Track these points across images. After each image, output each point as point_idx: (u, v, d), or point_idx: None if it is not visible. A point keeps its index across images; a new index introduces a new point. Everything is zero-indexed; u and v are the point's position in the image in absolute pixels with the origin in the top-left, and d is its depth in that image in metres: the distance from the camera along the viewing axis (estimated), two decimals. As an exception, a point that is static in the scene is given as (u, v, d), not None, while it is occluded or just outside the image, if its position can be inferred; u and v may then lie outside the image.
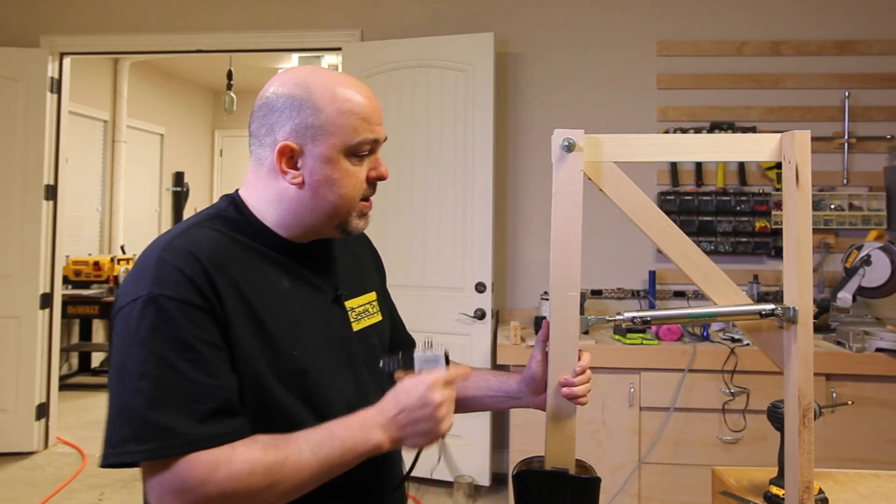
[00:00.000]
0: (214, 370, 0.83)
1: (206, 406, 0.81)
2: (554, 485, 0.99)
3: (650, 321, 0.99)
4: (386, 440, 0.87)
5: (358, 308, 1.07)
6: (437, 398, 0.87)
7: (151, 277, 0.84)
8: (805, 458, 0.94)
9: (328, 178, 0.94)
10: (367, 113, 0.95)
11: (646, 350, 2.66)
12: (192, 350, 0.82)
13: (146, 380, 0.80)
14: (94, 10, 3.68)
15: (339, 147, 0.93)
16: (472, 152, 3.14)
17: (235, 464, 0.80)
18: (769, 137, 0.99)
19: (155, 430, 0.79)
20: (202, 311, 0.84)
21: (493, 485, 3.15)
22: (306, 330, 0.96)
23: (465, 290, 3.14)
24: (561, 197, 0.98)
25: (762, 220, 3.17)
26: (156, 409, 0.79)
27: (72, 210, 4.86)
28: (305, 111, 0.93)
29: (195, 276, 0.85)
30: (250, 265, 0.93)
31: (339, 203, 0.96)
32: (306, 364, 0.94)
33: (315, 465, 0.84)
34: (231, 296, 0.88)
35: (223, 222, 0.96)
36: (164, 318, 0.82)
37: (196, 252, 0.87)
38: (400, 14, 3.46)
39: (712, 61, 3.28)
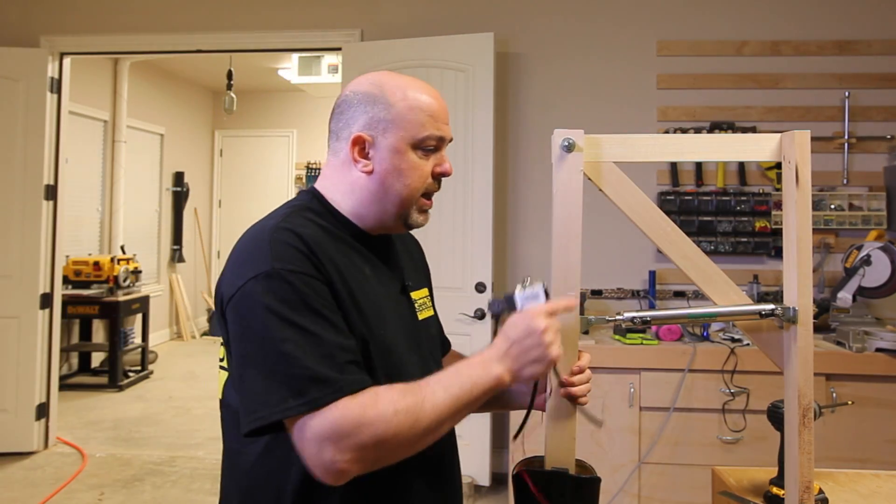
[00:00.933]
0: (341, 331, 0.91)
1: (342, 359, 0.88)
2: (554, 485, 1.00)
3: (650, 321, 0.99)
4: (505, 372, 0.92)
5: (419, 300, 1.14)
6: (541, 325, 0.92)
7: (270, 255, 0.91)
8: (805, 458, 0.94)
9: (396, 168, 1.01)
10: (435, 111, 1.03)
11: (646, 350, 2.66)
12: (318, 314, 0.89)
13: (288, 343, 0.86)
14: (94, 10, 3.68)
15: (406, 140, 1.01)
16: (472, 152, 3.14)
17: (381, 405, 0.85)
18: (769, 137, 0.99)
19: (309, 383, 0.84)
20: (320, 281, 0.92)
21: (493, 485, 3.15)
22: (388, 314, 1.03)
23: (465, 290, 3.14)
24: (561, 197, 0.98)
25: (762, 220, 3.17)
26: (303, 367, 0.85)
27: (72, 210, 4.86)
28: (378, 106, 1.02)
29: (309, 253, 0.92)
30: (340, 250, 1.00)
31: (405, 193, 1.02)
32: (391, 344, 1.00)
33: (450, 401, 0.89)
34: (334, 272, 0.95)
35: (312, 213, 1.03)
36: (291, 288, 0.89)
37: (302, 234, 0.95)
38: (400, 14, 3.46)
39: (712, 61, 3.28)
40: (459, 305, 3.12)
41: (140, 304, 5.33)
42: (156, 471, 3.47)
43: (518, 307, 0.98)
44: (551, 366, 0.95)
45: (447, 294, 3.17)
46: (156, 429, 4.16)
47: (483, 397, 0.92)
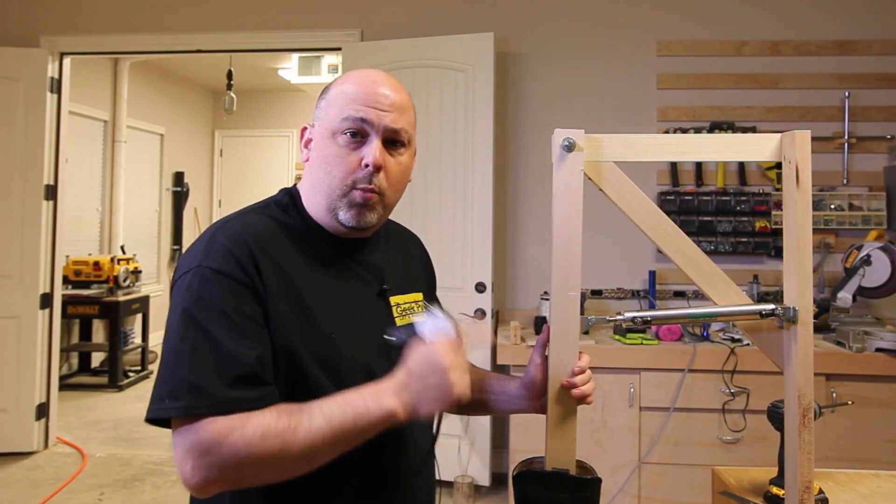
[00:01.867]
0: (247, 340, 0.88)
1: (235, 372, 0.85)
2: (555, 485, 0.99)
3: (650, 321, 0.98)
4: (399, 406, 0.88)
5: (404, 304, 1.09)
6: (446, 362, 0.88)
7: (202, 252, 0.92)
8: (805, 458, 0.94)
9: (320, 155, 1.00)
10: (361, 94, 0.98)
11: (646, 350, 2.66)
12: (228, 319, 0.87)
13: (186, 342, 0.86)
14: (94, 10, 3.68)
15: (329, 125, 0.99)
16: (472, 152, 3.14)
17: (249, 428, 0.83)
18: (769, 137, 0.99)
19: (188, 389, 0.83)
20: (243, 285, 0.90)
21: (493, 485, 3.15)
22: (347, 317, 0.99)
23: (465, 290, 3.14)
24: (561, 197, 0.98)
25: (762, 220, 3.17)
26: (191, 370, 0.84)
27: (72, 210, 4.85)
28: (323, 96, 1.03)
29: (241, 254, 0.91)
30: (297, 249, 0.98)
31: (328, 182, 0.98)
32: (343, 349, 0.97)
33: (328, 431, 0.85)
34: (274, 275, 0.93)
35: (276, 210, 1.03)
36: (208, 287, 0.89)
37: (245, 233, 0.94)
38: (400, 14, 3.46)
39: (712, 61, 3.28)
40: (459, 305, 3.12)
41: (140, 304, 5.33)
42: (156, 471, 3.46)
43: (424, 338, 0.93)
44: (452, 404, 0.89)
45: (447, 294, 3.15)
46: (156, 429, 4.14)
47: (371, 430, 0.87)
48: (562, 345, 0.99)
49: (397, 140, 1.00)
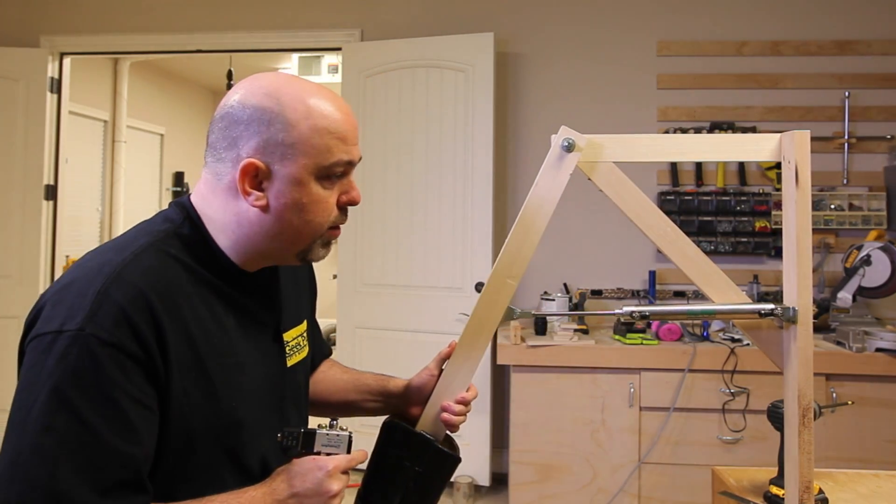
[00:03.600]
0: (133, 435, 0.73)
1: (113, 476, 0.71)
2: (416, 447, 0.99)
3: (648, 315, 0.99)
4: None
5: (292, 342, 1.01)
6: (334, 488, 0.82)
7: (87, 311, 0.73)
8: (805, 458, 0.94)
9: (296, 203, 0.84)
10: (344, 132, 0.85)
11: (646, 350, 2.66)
12: (113, 407, 0.72)
13: (51, 435, 0.69)
14: (94, 10, 3.68)
15: (310, 168, 0.84)
16: (472, 152, 3.14)
17: None
18: (769, 137, 0.99)
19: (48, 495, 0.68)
20: (137, 362, 0.74)
21: (493, 485, 3.15)
22: (247, 376, 0.89)
23: (465, 290, 3.14)
24: (541, 189, 0.99)
25: (762, 220, 3.17)
26: (53, 474, 0.68)
27: (72, 210, 4.85)
28: (275, 126, 0.82)
29: (140, 321, 0.75)
30: (200, 301, 0.84)
31: (306, 230, 0.86)
32: (242, 416, 0.87)
33: None
34: (177, 343, 0.79)
35: (175, 244, 0.85)
36: (90, 363, 0.71)
37: (148, 288, 0.77)
38: (400, 14, 3.46)
39: (712, 61, 3.28)
40: (459, 305, 3.12)
41: (140, 304, 5.32)
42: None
43: (314, 450, 0.87)
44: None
45: (447, 294, 3.18)
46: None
47: None
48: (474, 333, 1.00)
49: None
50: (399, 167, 3.24)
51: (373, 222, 3.29)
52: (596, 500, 2.66)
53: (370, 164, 3.31)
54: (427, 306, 3.18)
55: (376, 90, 3.31)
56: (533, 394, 2.69)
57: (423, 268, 3.21)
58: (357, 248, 3.31)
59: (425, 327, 3.18)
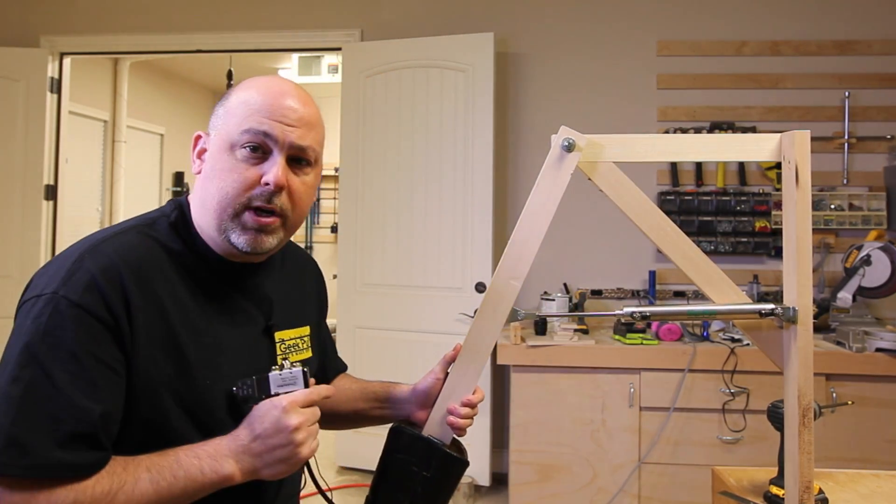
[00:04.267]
0: (95, 391, 0.76)
1: (69, 428, 0.74)
2: (423, 451, 0.98)
3: (649, 316, 0.98)
4: (237, 471, 0.81)
5: (288, 341, 1.01)
6: (293, 422, 0.81)
7: (62, 277, 0.79)
8: (805, 458, 0.94)
9: (213, 168, 0.89)
10: (265, 106, 0.87)
11: (646, 350, 2.66)
12: (77, 363, 0.75)
13: (18, 385, 0.73)
14: (94, 10, 3.68)
15: (226, 136, 0.88)
16: (472, 152, 3.14)
17: (59, 494, 0.73)
18: (769, 137, 0.99)
19: (8, 442, 0.72)
20: (104, 325, 0.78)
21: (494, 485, 3.15)
22: (226, 360, 0.90)
23: (465, 290, 3.14)
24: (542, 189, 0.99)
25: (762, 220, 3.17)
26: (16, 420, 0.72)
27: (72, 210, 4.85)
28: (222, 103, 0.92)
29: (108, 288, 0.79)
30: (180, 282, 0.87)
31: (218, 198, 0.87)
32: (217, 397, 0.87)
33: (153, 496, 0.77)
34: (148, 314, 0.82)
35: (163, 230, 0.91)
36: (59, 322, 0.76)
37: (121, 261, 0.82)
38: (400, 14, 3.46)
39: (712, 61, 3.28)
40: (459, 305, 3.12)
41: (140, 304, 5.33)
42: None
43: (270, 392, 0.86)
44: (300, 467, 0.84)
45: (447, 294, 3.18)
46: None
47: (202, 493, 0.80)
48: (478, 334, 1.00)
49: (303, 158, 0.91)
50: (399, 167, 3.24)
51: (373, 222, 3.29)
52: (596, 500, 2.66)
53: (370, 164, 3.30)
54: (427, 306, 3.18)
55: (376, 90, 3.31)
56: (533, 394, 2.69)
57: (423, 268, 3.21)
58: (357, 248, 3.31)
59: (425, 327, 3.18)
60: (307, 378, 0.89)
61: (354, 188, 3.34)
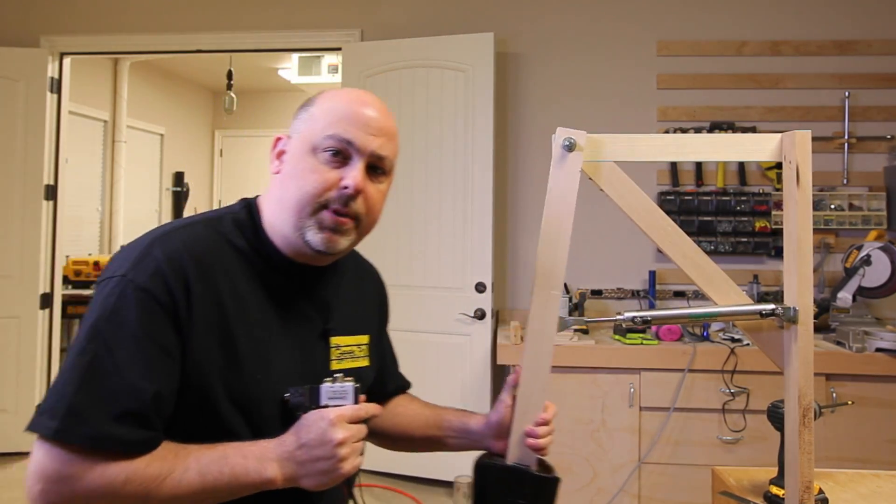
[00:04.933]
0: (150, 372, 0.80)
1: (124, 405, 0.78)
2: (514, 480, 0.98)
3: (650, 321, 0.98)
4: (279, 476, 0.83)
5: (344, 347, 1.03)
6: (338, 436, 0.83)
7: (132, 262, 0.85)
8: (805, 458, 0.94)
9: (293, 169, 0.93)
10: (350, 114, 0.92)
11: (646, 350, 2.66)
12: (137, 343, 0.80)
13: (85, 357, 0.79)
14: (94, 10, 3.68)
15: (308, 140, 0.92)
16: (472, 152, 3.14)
17: (113, 469, 0.77)
18: (769, 137, 0.99)
19: (66, 412, 0.77)
20: (165, 310, 0.83)
21: (493, 485, 3.14)
22: (280, 359, 0.92)
23: (465, 290, 3.14)
24: (555, 195, 0.98)
25: (762, 220, 3.17)
26: (77, 391, 0.78)
27: (72, 210, 4.85)
28: (305, 108, 0.96)
29: (171, 275, 0.84)
30: (241, 276, 0.91)
31: (298, 197, 0.90)
32: (266, 393, 0.90)
33: (198, 487, 0.80)
34: (206, 304, 0.86)
35: (231, 226, 0.95)
36: (125, 303, 0.81)
37: (186, 251, 0.87)
38: (400, 14, 3.46)
39: (712, 61, 3.28)
40: (459, 305, 3.12)
41: (140, 304, 5.32)
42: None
43: (320, 403, 0.88)
44: (339, 481, 0.84)
45: (447, 294, 3.18)
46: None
47: (245, 493, 0.83)
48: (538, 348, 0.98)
49: (380, 167, 0.95)
50: (398, 167, 3.24)
51: (373, 222, 3.29)
52: (596, 500, 2.66)
53: (370, 164, 3.30)
54: (427, 306, 3.18)
55: (376, 90, 3.28)
56: (533, 394, 2.69)
57: (424, 268, 3.21)
58: (357, 248, 3.30)
59: (426, 327, 3.18)
60: (357, 394, 0.90)
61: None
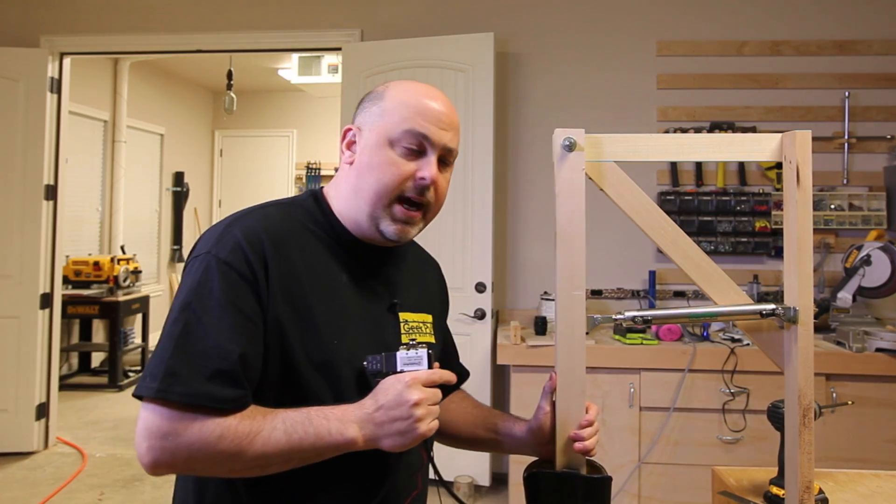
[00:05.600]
0: (236, 335, 0.87)
1: (215, 365, 0.85)
2: (566, 486, 0.99)
3: (651, 320, 0.98)
4: (360, 436, 0.88)
5: (411, 322, 1.08)
6: (413, 397, 0.87)
7: (214, 240, 0.92)
8: (805, 458, 0.94)
9: (370, 162, 0.98)
10: (423, 109, 0.98)
11: (646, 350, 2.66)
12: (223, 310, 0.87)
13: (177, 326, 0.86)
14: (94, 10, 3.68)
15: (385, 133, 0.97)
16: (472, 152, 3.14)
17: (209, 425, 0.83)
18: (769, 137, 0.99)
19: (165, 373, 0.84)
20: (245, 280, 0.89)
21: (493, 485, 3.15)
22: (353, 326, 0.98)
23: (465, 290, 3.14)
24: (564, 196, 0.98)
25: (762, 220, 3.17)
26: (173, 354, 0.85)
27: (72, 210, 4.85)
28: (375, 102, 1.01)
29: (250, 249, 0.91)
30: (313, 252, 0.97)
31: (374, 188, 0.96)
32: (343, 358, 0.95)
33: (285, 445, 0.85)
34: (283, 274, 0.92)
35: (299, 210, 1.02)
36: (210, 275, 0.89)
37: (261, 228, 0.94)
38: (400, 14, 3.46)
39: (712, 61, 3.28)
40: (459, 305, 3.12)
41: (140, 304, 5.33)
42: (156, 471, 3.46)
43: (397, 369, 0.93)
44: (417, 442, 0.88)
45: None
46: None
47: (328, 453, 0.88)
48: (569, 348, 0.98)
49: (447, 159, 1.01)
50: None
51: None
52: (596, 500, 2.66)
53: (370, 164, 3.31)
54: (427, 306, 3.18)
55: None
56: (533, 394, 2.68)
57: (423, 268, 3.21)
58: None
59: (425, 327, 3.18)
60: (431, 360, 0.94)
61: (354, 188, 3.33)
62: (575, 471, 0.99)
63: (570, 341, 0.98)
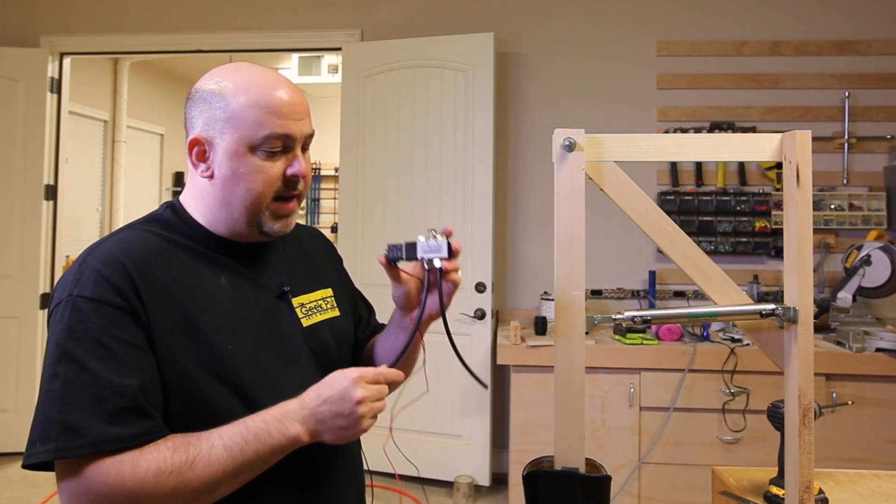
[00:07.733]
0: (126, 368, 0.82)
1: (114, 405, 0.80)
2: (565, 485, 0.99)
3: (651, 320, 0.98)
4: (304, 432, 0.86)
5: (308, 304, 1.06)
6: (358, 394, 0.85)
7: (72, 282, 0.86)
8: (805, 458, 0.94)
9: (234, 172, 0.93)
10: (277, 107, 0.92)
11: (646, 350, 2.66)
12: (104, 349, 0.82)
13: (57, 380, 0.80)
14: (94, 10, 3.68)
15: (244, 141, 0.92)
16: (472, 152, 3.14)
17: (141, 466, 0.79)
18: (769, 137, 0.99)
19: (58, 430, 0.78)
20: (120, 310, 0.84)
21: (493, 485, 3.15)
22: (245, 326, 0.95)
23: (465, 290, 3.14)
24: (563, 196, 0.97)
25: (762, 220, 3.17)
26: (62, 409, 0.79)
27: (72, 210, 4.85)
28: (216, 104, 0.93)
29: (115, 277, 0.86)
30: (183, 264, 0.93)
31: (249, 199, 0.94)
32: (242, 359, 0.92)
33: (228, 461, 0.82)
34: (157, 295, 0.88)
35: (157, 224, 0.97)
36: (80, 318, 0.83)
37: (120, 254, 0.88)
38: (400, 14, 3.46)
39: (712, 61, 3.28)
40: (459, 305, 3.12)
41: (140, 304, 5.32)
42: (156, 471, 3.46)
43: (418, 257, 0.95)
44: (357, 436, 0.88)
45: (447, 294, 3.17)
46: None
47: (275, 457, 0.85)
48: (569, 345, 0.97)
49: (307, 144, 0.99)
50: (399, 167, 3.24)
51: (373, 221, 3.29)
52: (596, 500, 2.66)
53: (370, 164, 3.30)
54: (427, 306, 3.18)
55: (376, 90, 3.31)
56: (533, 394, 2.69)
57: (423, 268, 3.20)
58: (357, 247, 3.31)
59: (425, 327, 3.17)
60: (451, 247, 0.96)
61: (354, 188, 3.34)
62: (574, 470, 0.99)
63: (569, 341, 0.98)
